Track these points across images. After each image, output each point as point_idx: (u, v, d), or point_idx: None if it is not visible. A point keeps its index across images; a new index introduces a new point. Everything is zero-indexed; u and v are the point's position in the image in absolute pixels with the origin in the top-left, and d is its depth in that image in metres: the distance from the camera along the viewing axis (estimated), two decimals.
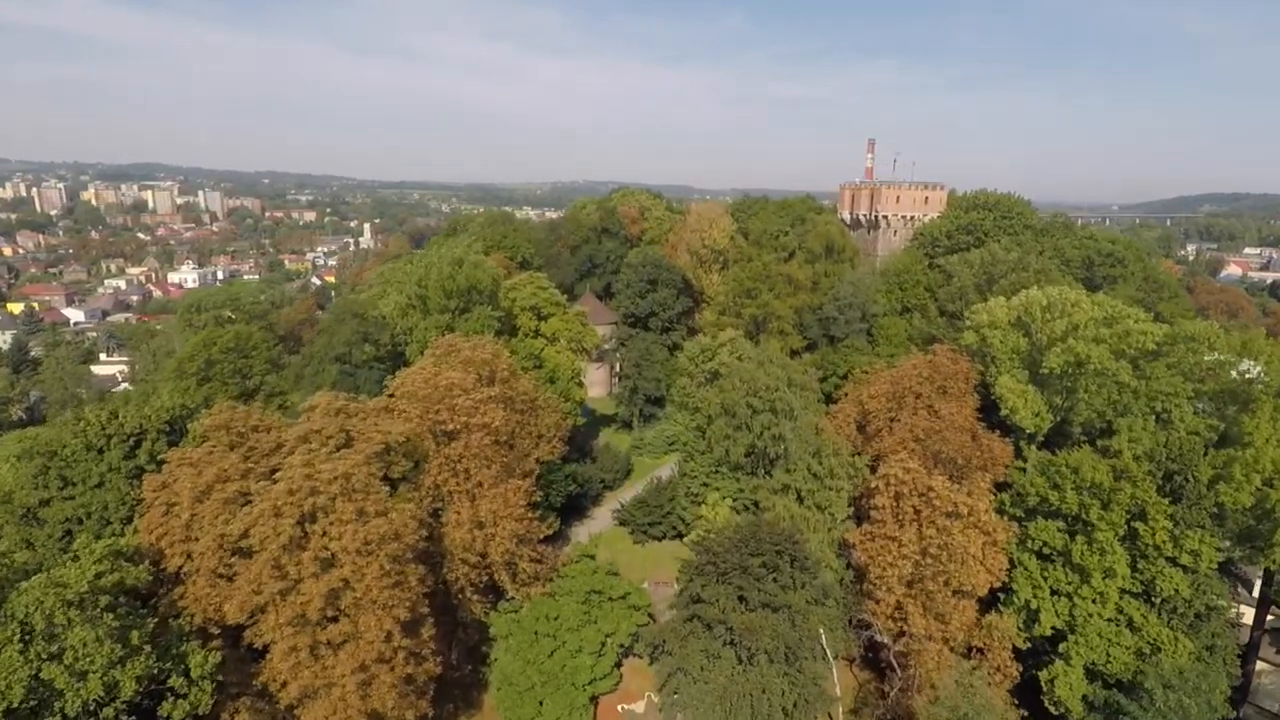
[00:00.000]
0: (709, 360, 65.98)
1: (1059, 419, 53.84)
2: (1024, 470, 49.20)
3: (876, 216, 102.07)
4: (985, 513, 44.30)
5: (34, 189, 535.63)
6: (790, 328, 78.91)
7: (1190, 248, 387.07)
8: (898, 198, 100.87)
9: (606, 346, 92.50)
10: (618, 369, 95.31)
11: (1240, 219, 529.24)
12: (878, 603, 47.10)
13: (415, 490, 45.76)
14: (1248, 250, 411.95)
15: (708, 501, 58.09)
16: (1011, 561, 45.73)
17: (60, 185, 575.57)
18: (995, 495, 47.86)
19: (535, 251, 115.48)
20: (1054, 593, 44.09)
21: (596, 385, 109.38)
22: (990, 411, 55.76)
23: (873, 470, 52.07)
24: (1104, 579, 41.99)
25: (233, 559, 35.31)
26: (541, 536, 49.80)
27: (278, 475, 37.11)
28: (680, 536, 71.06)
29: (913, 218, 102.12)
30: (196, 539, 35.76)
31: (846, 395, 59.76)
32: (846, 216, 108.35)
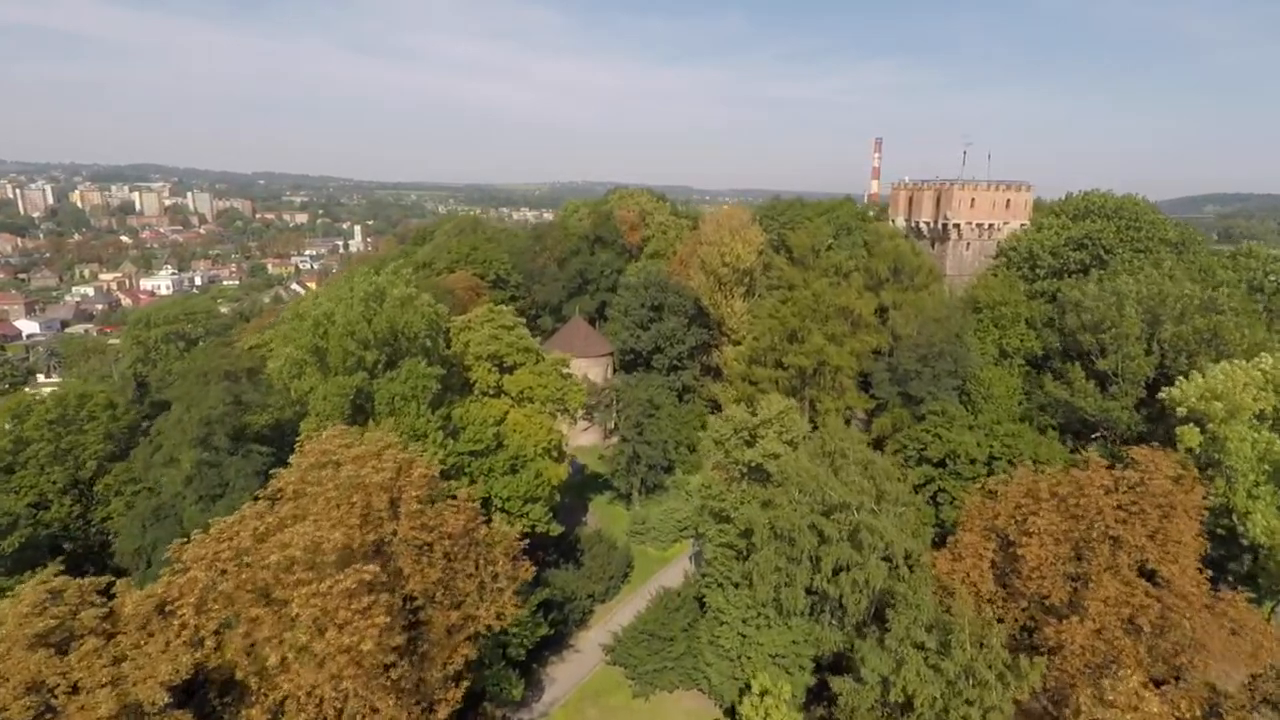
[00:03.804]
0: (747, 446, 44.28)
1: None
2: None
3: (944, 225, 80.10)
4: None
5: (19, 190, 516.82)
6: (851, 382, 57.16)
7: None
8: (972, 200, 78.83)
9: (598, 397, 70.79)
10: (612, 425, 73.70)
11: (1260, 220, 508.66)
12: None
13: None
14: (1272, 253, 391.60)
15: (754, 689, 36.46)
16: None
17: (46, 186, 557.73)
18: None
19: (513, 266, 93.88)
20: None
21: (588, 433, 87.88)
22: None
23: (1036, 649, 30.18)
24: None
25: None
26: None
27: None
28: (701, 690, 49.94)
29: (990, 226, 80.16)
30: None
31: (968, 517, 37.93)
32: (901, 223, 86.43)
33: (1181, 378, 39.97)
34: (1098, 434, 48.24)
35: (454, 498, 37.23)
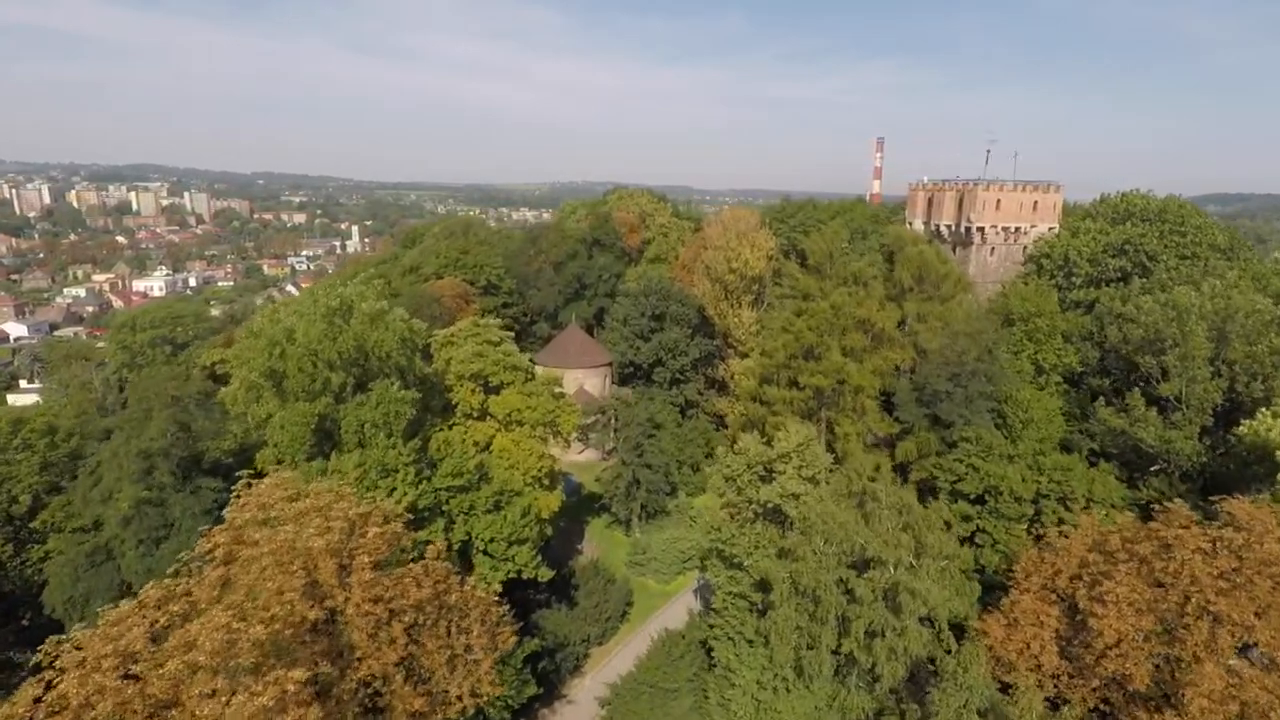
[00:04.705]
0: (763, 481, 38.97)
1: None
2: None
3: (967, 228, 74.73)
4: None
5: (15, 190, 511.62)
6: (873, 403, 51.84)
7: None
8: (997, 202, 73.42)
9: (594, 415, 65.51)
10: (611, 446, 68.45)
11: (1265, 220, 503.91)
12: None
13: None
14: None
15: None
16: None
17: (43, 186, 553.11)
18: None
19: (506, 270, 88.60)
20: None
21: (586, 447, 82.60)
22: None
23: None
24: None
25: None
26: None
27: None
28: None
29: (1017, 230, 74.77)
30: None
31: (1023, 574, 32.60)
32: (920, 226, 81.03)
33: (1263, 410, 34.67)
34: (1156, 466, 42.94)
35: (428, 543, 32.19)
